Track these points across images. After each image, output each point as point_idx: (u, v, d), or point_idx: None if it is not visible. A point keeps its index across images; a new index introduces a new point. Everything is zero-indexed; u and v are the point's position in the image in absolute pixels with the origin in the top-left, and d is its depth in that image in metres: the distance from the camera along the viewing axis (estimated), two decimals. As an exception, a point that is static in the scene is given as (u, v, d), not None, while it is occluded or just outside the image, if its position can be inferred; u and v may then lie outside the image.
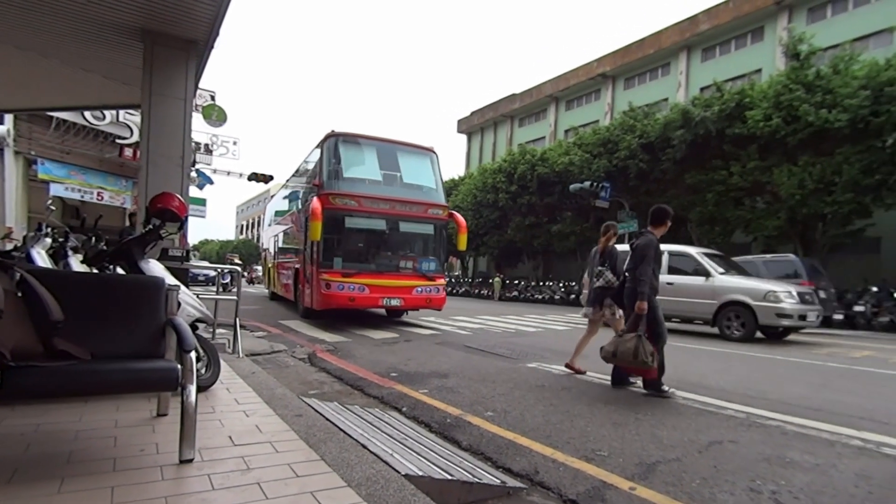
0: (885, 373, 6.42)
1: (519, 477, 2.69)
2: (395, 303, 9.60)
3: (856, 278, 16.00)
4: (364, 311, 12.03)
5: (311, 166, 11.31)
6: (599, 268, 5.59)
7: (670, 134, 19.14)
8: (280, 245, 15.56)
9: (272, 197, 19.45)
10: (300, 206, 11.79)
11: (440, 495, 2.40)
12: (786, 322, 9.17)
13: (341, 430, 3.16)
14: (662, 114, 21.13)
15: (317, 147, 10.62)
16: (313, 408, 3.67)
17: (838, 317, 13.66)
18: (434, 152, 10.93)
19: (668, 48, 29.06)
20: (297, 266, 11.83)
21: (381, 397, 4.33)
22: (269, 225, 19.02)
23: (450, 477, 2.64)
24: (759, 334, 9.61)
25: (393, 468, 2.55)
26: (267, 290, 19.34)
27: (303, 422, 3.12)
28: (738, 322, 9.51)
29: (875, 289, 13.94)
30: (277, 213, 17.10)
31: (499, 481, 2.62)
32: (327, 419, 3.37)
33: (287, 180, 15.38)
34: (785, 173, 16.13)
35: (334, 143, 9.91)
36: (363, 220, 9.60)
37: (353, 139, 10.16)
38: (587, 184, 19.80)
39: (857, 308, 13.57)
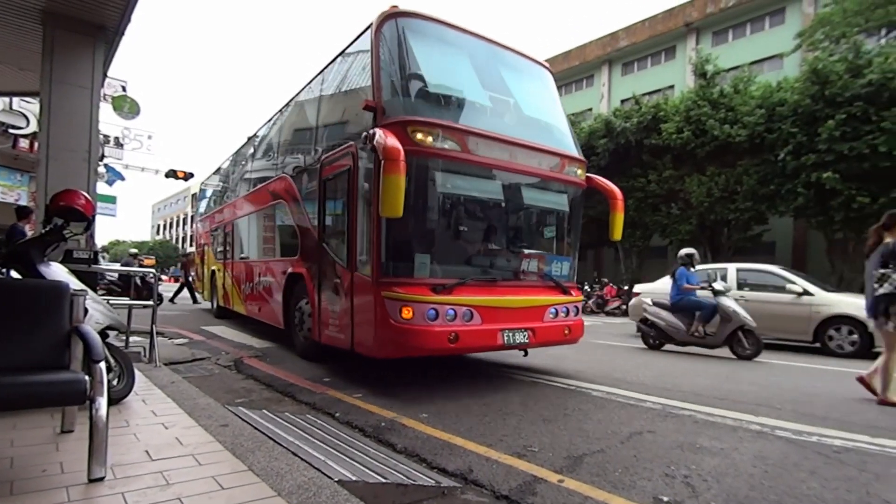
0: (779, 363, 7.14)
1: (453, 476, 2.72)
2: (520, 338, 4.95)
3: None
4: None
5: (331, 84, 6.40)
6: (883, 270, 4.69)
7: (595, 142, 20.24)
8: (247, 236, 9.65)
9: (219, 170, 12.88)
10: (306, 165, 6.61)
11: (375, 499, 2.38)
12: None
13: (271, 438, 3.04)
14: (587, 123, 22.31)
15: (357, 40, 5.65)
16: (240, 417, 3.51)
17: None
18: (552, 72, 6.55)
19: (591, 61, 30.66)
20: (292, 270, 6.75)
21: (313, 403, 4.22)
22: (212, 207, 13.37)
23: (384, 480, 2.62)
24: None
25: (326, 475, 2.49)
26: (208, 303, 13.38)
27: (228, 432, 2.97)
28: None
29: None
30: (229, 188, 11.56)
31: (433, 482, 2.64)
32: (255, 428, 3.24)
33: (256, 132, 9.71)
34: (695, 182, 17.59)
35: (401, 29, 5.06)
36: (469, 182, 4.95)
37: (432, 26, 5.36)
38: None
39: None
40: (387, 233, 4.58)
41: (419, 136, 4.44)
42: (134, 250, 21.69)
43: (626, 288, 18.51)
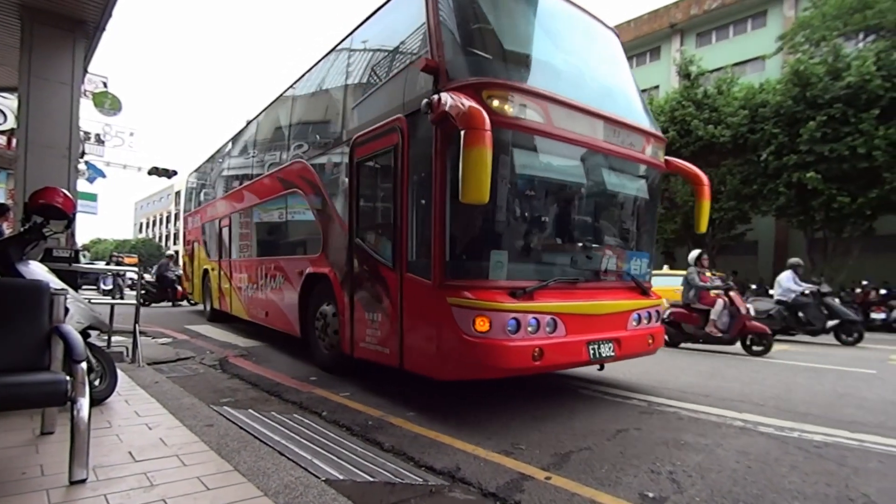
0: (761, 360, 7.26)
1: (441, 475, 2.72)
2: (605, 351, 4.15)
3: (738, 277, 17.91)
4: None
5: (364, 49, 5.46)
6: None
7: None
8: (249, 231, 8.59)
9: (212, 158, 11.45)
10: (330, 146, 5.69)
11: (362, 498, 2.37)
12: None
13: (257, 438, 3.02)
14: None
15: None
16: (225, 416, 3.47)
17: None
18: (619, 36, 5.67)
19: (578, 61, 30.78)
20: (311, 270, 5.83)
21: (300, 402, 4.19)
22: (203, 200, 12.00)
23: (372, 479, 2.61)
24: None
25: (313, 474, 2.48)
26: (200, 305, 12.12)
27: (214, 432, 2.94)
28: None
29: (754, 286, 15.80)
30: (225, 178, 10.27)
31: (421, 480, 2.63)
32: (241, 428, 3.21)
33: (260, 114, 8.37)
34: (680, 181, 17.78)
35: None
36: (551, 162, 4.14)
37: None
38: None
39: (739, 304, 15.20)
40: (454, 224, 3.71)
41: (496, 102, 3.53)
42: (171, 252, 21.06)
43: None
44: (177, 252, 16.52)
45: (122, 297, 5.13)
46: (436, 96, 3.57)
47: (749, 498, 2.49)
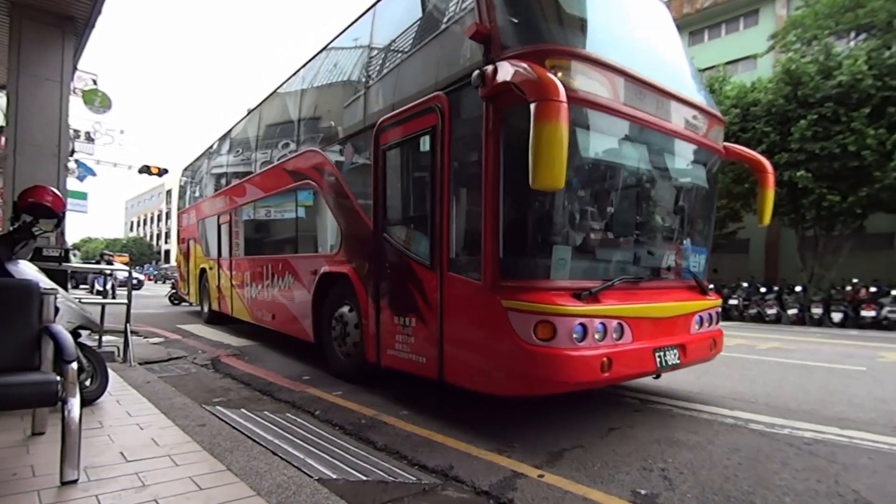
0: (753, 358, 7.32)
1: (434, 473, 2.73)
2: (671, 359, 3.72)
3: (729, 276, 18.03)
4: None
5: (390, 23, 4.93)
6: None
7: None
8: (253, 227, 8.08)
9: (209, 151, 10.78)
10: (349, 132, 5.19)
11: (355, 497, 2.37)
12: None
13: (249, 437, 3.01)
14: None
15: None
16: (218, 416, 3.46)
17: (717, 310, 15.40)
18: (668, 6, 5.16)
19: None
20: (327, 269, 5.33)
21: (293, 402, 4.18)
22: (199, 196, 11.30)
23: (365, 478, 2.61)
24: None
25: (306, 473, 2.48)
26: (197, 306, 11.34)
27: (206, 432, 2.92)
28: None
29: (745, 284, 15.92)
30: (224, 171, 9.58)
31: (414, 479, 2.64)
32: (234, 427, 3.20)
33: (263, 102, 7.82)
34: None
35: None
36: (617, 144, 3.68)
37: None
38: None
39: (732, 301, 15.29)
40: (511, 216, 3.26)
41: (560, 73, 3.01)
42: None
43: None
44: (168, 251, 16.30)
45: (114, 297, 5.12)
46: (488, 67, 3.17)
47: (740, 494, 2.52)
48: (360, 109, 5.02)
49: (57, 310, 2.95)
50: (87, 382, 3.44)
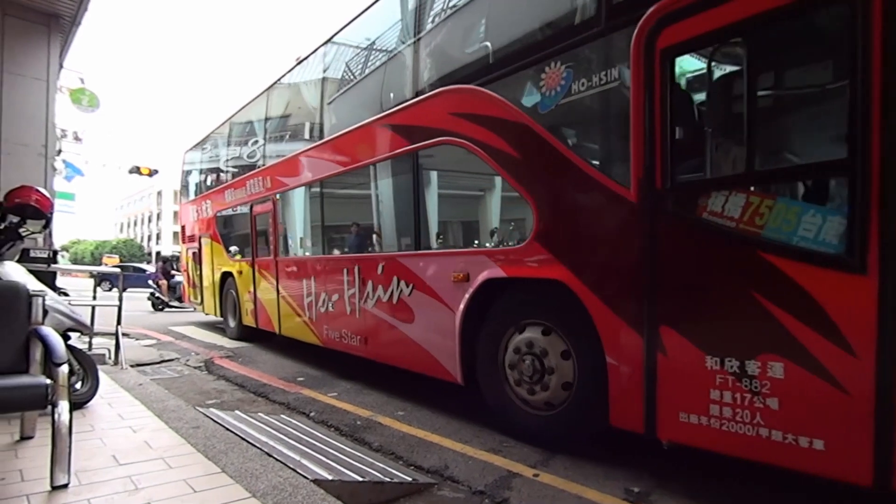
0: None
1: (430, 473, 2.73)
2: None
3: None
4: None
5: None
6: None
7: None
8: (323, 215, 5.87)
9: (228, 122, 8.18)
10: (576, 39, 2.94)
11: (351, 497, 2.36)
12: None
13: (244, 439, 2.98)
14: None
15: None
16: (212, 418, 3.43)
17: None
18: None
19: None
20: (495, 274, 3.43)
21: (288, 403, 4.16)
22: (217, 182, 8.96)
23: (361, 479, 2.60)
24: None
25: (302, 475, 2.46)
26: (201, 312, 9.81)
27: (200, 434, 2.90)
28: None
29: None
30: (260, 144, 7.20)
31: (410, 479, 2.63)
32: (228, 429, 3.17)
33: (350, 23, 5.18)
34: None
35: None
36: None
37: None
38: None
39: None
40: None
41: None
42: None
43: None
44: (158, 252, 15.76)
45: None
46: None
47: (730, 491, 2.53)
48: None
49: (46, 312, 2.92)
50: (78, 385, 3.40)
